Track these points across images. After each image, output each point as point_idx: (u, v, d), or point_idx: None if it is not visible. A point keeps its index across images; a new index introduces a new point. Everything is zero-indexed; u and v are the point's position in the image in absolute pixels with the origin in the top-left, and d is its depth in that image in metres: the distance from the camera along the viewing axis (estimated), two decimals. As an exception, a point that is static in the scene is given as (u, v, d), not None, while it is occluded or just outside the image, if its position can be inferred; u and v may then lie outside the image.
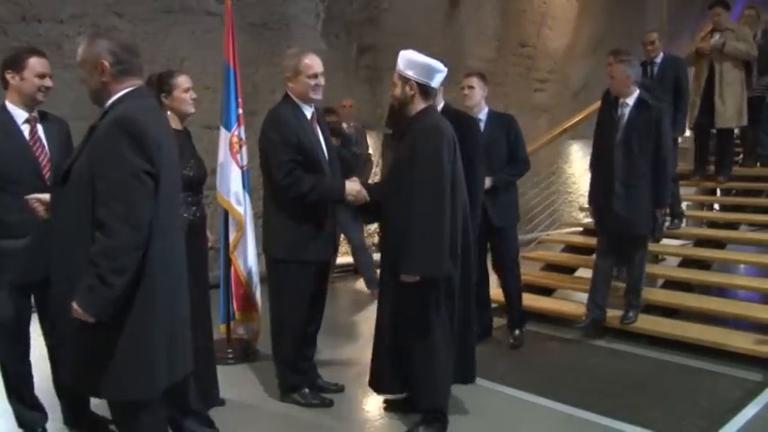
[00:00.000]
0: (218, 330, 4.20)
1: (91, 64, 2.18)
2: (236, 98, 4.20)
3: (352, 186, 3.30)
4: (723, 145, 6.22)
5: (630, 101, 4.42)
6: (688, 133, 6.59)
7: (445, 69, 3.07)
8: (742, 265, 6.05)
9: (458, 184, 3.04)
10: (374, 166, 7.62)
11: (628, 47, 5.39)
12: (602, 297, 4.65)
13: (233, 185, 4.14)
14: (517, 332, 4.61)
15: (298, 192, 3.23)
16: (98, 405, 2.98)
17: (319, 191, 3.26)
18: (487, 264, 4.56)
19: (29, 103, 2.86)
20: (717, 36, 5.87)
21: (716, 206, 6.72)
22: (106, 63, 2.16)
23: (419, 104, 3.07)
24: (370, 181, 6.43)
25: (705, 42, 6.01)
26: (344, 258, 6.94)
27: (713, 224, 6.23)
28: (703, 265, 5.56)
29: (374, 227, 7.60)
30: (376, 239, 7.68)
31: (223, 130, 4.19)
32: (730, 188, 6.48)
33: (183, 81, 3.24)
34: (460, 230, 3.07)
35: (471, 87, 4.48)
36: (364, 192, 3.32)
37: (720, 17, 5.93)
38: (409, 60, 3.01)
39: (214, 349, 3.54)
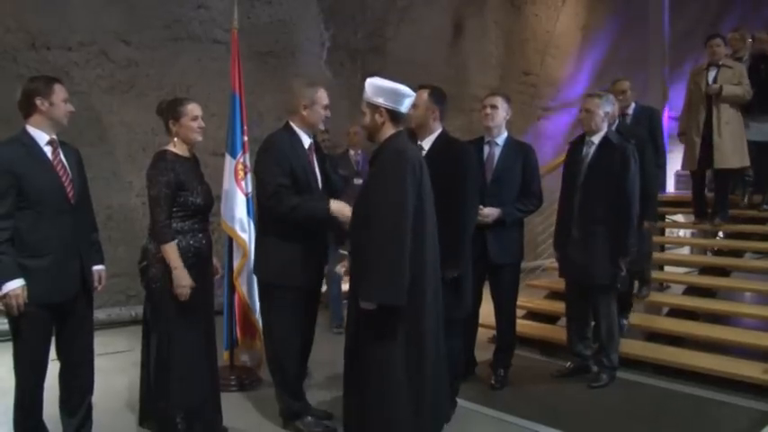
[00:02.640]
0: (221, 357, 4.19)
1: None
2: (242, 125, 4.25)
3: (338, 206, 3.30)
4: (720, 186, 5.99)
5: (596, 139, 4.20)
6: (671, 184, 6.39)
7: (413, 94, 3.00)
8: (747, 293, 6.02)
9: (425, 211, 2.88)
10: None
11: (630, 74, 5.47)
12: (583, 346, 4.46)
13: (237, 212, 4.18)
14: (501, 372, 4.31)
15: (280, 211, 3.26)
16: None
17: (303, 210, 3.27)
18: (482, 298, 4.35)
19: (56, 127, 2.97)
20: (713, 72, 5.79)
21: (720, 234, 6.67)
22: None
23: (389, 130, 2.97)
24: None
25: (699, 77, 5.92)
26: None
27: (718, 252, 6.22)
28: (708, 293, 5.54)
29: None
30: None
31: (228, 157, 4.24)
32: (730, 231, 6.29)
33: (192, 109, 3.26)
34: (431, 261, 2.91)
35: (494, 107, 4.13)
36: (349, 210, 3.24)
37: (719, 49, 5.83)
38: (377, 87, 2.92)
39: (218, 374, 3.53)
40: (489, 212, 3.98)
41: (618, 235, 4.07)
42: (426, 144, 3.58)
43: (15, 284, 2.75)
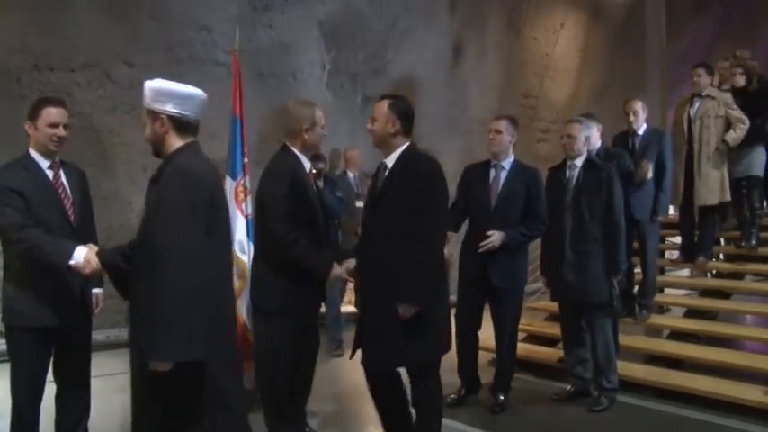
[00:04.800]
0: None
1: None
2: (242, 147, 4.27)
3: (336, 273, 3.25)
4: (702, 224, 5.82)
5: (579, 162, 4.25)
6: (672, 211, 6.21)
7: (203, 95, 2.49)
8: (748, 316, 6.01)
9: (218, 240, 2.41)
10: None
11: (628, 97, 5.48)
12: (582, 368, 4.43)
13: (237, 234, 4.18)
14: (501, 397, 4.26)
15: (290, 254, 3.15)
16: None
17: (306, 264, 3.19)
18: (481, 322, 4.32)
19: (42, 151, 2.94)
20: (697, 103, 5.60)
21: (720, 255, 6.65)
22: None
23: (175, 142, 2.42)
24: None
25: (683, 108, 5.74)
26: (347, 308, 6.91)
27: (718, 274, 6.21)
28: (709, 315, 5.53)
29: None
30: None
31: (228, 180, 4.25)
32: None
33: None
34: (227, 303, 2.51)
35: (498, 132, 4.13)
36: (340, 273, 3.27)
37: (700, 79, 5.61)
38: (156, 91, 2.41)
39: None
40: (494, 236, 3.97)
41: (610, 253, 4.13)
42: (390, 162, 3.13)
43: (79, 253, 2.69)
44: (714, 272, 6.29)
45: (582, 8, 10.09)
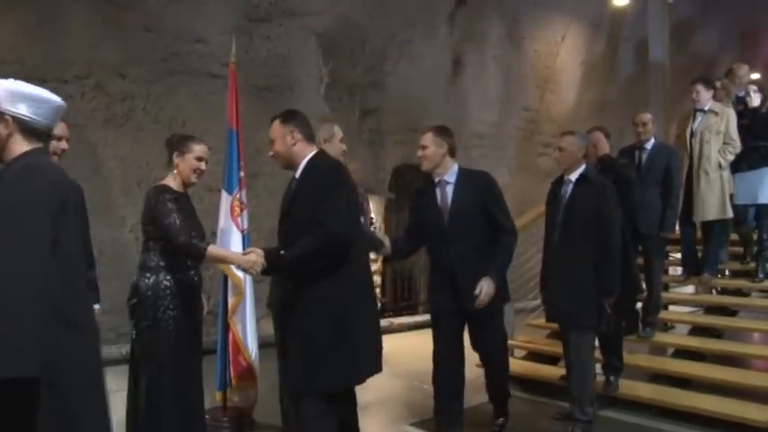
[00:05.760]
0: (214, 398, 4.14)
1: None
2: (239, 161, 4.26)
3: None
4: (705, 239, 5.72)
5: (574, 177, 4.08)
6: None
7: (61, 103, 2.31)
8: (755, 333, 5.98)
9: (69, 248, 2.18)
10: (376, 231, 7.65)
11: (631, 109, 5.47)
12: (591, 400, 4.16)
13: (233, 249, 4.16)
14: (500, 420, 4.10)
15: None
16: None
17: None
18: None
19: None
20: (699, 118, 5.52)
21: (726, 271, 6.58)
22: None
23: (21, 146, 2.21)
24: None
25: (685, 122, 5.68)
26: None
27: (724, 290, 6.19)
28: (714, 333, 5.50)
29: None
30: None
31: (224, 194, 4.24)
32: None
33: (199, 149, 3.29)
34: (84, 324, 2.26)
35: (423, 147, 3.80)
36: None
37: (699, 95, 5.50)
38: (8, 91, 2.22)
39: (205, 416, 3.48)
40: (481, 291, 3.59)
41: (601, 273, 3.89)
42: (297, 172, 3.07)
43: None
44: (719, 288, 6.25)
45: (583, 20, 10.14)
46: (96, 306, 3.18)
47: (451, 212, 3.76)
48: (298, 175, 3.04)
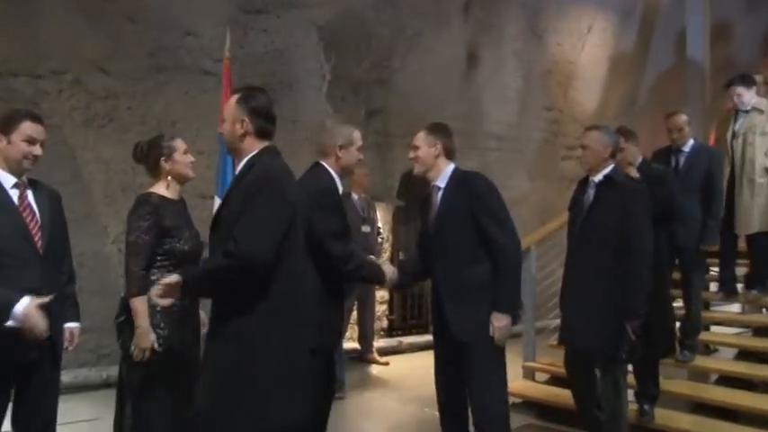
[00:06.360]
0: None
1: None
2: (233, 165, 4.22)
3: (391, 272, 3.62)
4: (751, 252, 5.56)
5: (598, 178, 3.88)
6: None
7: None
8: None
9: None
10: (383, 242, 7.61)
11: (664, 108, 5.39)
12: (601, 411, 4.02)
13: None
14: None
15: (348, 265, 3.37)
16: None
17: (361, 273, 3.51)
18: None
19: (14, 168, 2.91)
20: (741, 118, 5.41)
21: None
22: None
23: None
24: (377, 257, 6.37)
25: (725, 124, 5.60)
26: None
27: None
28: (765, 357, 5.41)
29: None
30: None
31: (218, 200, 4.21)
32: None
33: (180, 144, 3.32)
34: None
35: (415, 148, 3.62)
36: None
37: (739, 99, 5.38)
38: None
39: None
40: (497, 322, 3.40)
41: (625, 293, 3.67)
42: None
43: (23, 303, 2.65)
44: None
45: (611, 9, 10.06)
46: (75, 325, 3.14)
47: (437, 223, 3.58)
48: (237, 171, 2.79)
